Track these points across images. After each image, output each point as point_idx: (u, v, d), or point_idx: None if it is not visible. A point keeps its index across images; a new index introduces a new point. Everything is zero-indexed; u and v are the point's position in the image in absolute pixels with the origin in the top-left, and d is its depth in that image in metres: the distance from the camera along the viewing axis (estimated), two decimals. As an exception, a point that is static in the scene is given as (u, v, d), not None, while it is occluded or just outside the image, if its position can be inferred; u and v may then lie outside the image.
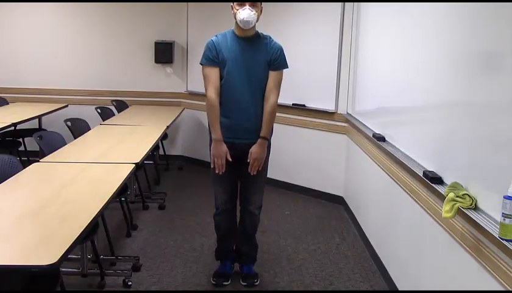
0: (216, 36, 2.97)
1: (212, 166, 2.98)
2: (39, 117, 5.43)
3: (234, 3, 2.87)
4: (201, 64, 2.96)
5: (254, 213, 3.13)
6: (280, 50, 2.97)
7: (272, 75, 2.96)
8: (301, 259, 3.62)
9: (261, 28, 3.02)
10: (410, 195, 2.78)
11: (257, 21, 2.90)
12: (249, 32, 2.93)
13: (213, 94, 2.89)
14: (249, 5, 2.81)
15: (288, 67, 3.01)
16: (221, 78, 2.93)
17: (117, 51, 6.24)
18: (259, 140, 2.97)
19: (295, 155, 5.16)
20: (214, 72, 2.91)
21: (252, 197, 3.10)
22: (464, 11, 2.16)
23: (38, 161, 3.16)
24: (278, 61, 2.96)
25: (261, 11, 2.91)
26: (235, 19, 2.89)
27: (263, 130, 2.96)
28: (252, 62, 2.94)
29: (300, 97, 5.00)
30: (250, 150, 2.96)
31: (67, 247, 1.85)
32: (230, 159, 2.95)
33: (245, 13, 2.81)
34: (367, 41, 4.09)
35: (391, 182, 3.15)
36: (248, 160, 2.97)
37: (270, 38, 3.00)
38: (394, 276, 3.12)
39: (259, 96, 2.98)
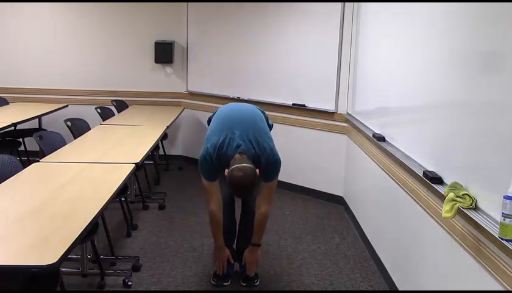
0: (210, 155, 2.79)
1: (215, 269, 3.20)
2: (39, 117, 5.43)
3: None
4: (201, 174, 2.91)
5: (254, 208, 3.13)
6: (272, 166, 2.85)
7: (264, 186, 2.93)
8: (301, 259, 3.62)
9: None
10: (410, 195, 2.78)
11: None
12: None
13: (215, 208, 2.94)
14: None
15: (277, 176, 2.92)
16: None
17: (117, 51, 6.24)
18: (251, 247, 3.10)
19: (295, 155, 5.16)
20: (215, 187, 2.93)
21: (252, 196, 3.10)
22: (464, 11, 2.16)
23: (38, 161, 3.16)
24: (268, 175, 2.88)
25: (258, 173, 2.71)
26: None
27: (254, 237, 3.07)
28: None
29: (300, 97, 5.00)
30: (244, 254, 3.14)
31: (67, 247, 1.86)
32: (232, 262, 3.16)
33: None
34: (367, 41, 4.09)
35: (391, 182, 3.15)
36: (243, 263, 3.16)
37: (263, 159, 2.80)
38: (394, 276, 3.12)
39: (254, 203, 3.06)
